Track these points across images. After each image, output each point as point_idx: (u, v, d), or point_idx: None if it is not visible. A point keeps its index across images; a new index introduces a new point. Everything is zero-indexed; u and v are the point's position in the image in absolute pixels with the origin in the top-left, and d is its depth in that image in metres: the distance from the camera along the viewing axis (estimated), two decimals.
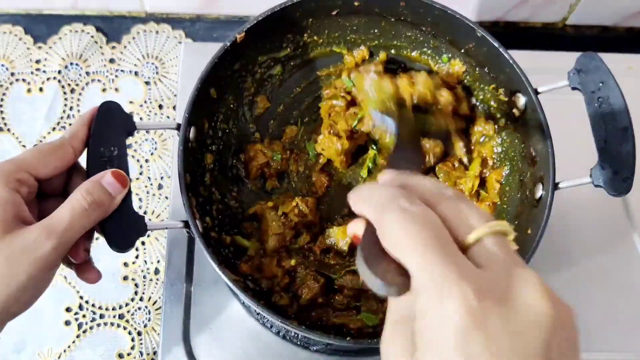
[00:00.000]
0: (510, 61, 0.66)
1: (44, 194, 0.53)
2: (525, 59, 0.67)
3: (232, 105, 0.75)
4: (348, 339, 0.60)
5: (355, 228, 0.39)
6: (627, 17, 0.97)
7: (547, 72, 0.68)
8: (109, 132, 0.56)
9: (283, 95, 0.80)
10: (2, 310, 0.46)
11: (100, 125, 0.56)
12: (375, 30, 0.76)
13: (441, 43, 0.74)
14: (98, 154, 0.54)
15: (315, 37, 0.77)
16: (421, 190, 0.37)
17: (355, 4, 0.72)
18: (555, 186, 0.62)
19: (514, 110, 0.70)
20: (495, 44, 0.67)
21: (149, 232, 0.82)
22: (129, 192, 0.53)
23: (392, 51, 0.78)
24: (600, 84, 0.62)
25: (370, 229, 0.36)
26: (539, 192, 0.64)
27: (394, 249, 0.33)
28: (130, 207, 0.54)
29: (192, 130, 0.65)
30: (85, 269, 0.54)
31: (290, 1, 0.69)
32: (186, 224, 0.59)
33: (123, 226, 0.53)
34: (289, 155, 0.78)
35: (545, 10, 0.95)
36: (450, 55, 0.75)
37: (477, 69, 0.73)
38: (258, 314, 0.74)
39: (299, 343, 0.73)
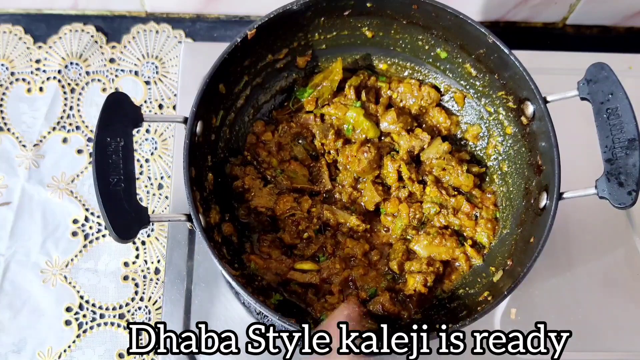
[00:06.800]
0: (520, 68, 0.66)
1: None
2: (525, 59, 0.67)
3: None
4: None
5: None
6: (627, 17, 0.97)
7: (548, 73, 0.68)
8: (115, 122, 0.56)
9: None
10: None
11: (108, 115, 0.55)
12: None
13: (452, 48, 0.74)
14: (104, 144, 0.54)
15: (325, 37, 0.77)
16: None
17: (368, 5, 0.72)
18: (560, 196, 0.62)
19: (522, 118, 0.70)
20: (506, 51, 0.67)
21: (149, 232, 0.83)
22: (133, 183, 0.53)
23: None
24: (610, 95, 0.61)
25: None
26: (544, 201, 0.64)
27: None
28: (134, 198, 0.54)
29: (200, 124, 0.65)
30: None
31: (303, 0, 0.68)
32: (189, 218, 0.59)
33: (126, 216, 0.53)
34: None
35: (545, 10, 0.95)
36: (460, 59, 0.75)
37: (487, 75, 0.73)
38: (258, 313, 0.74)
39: None
